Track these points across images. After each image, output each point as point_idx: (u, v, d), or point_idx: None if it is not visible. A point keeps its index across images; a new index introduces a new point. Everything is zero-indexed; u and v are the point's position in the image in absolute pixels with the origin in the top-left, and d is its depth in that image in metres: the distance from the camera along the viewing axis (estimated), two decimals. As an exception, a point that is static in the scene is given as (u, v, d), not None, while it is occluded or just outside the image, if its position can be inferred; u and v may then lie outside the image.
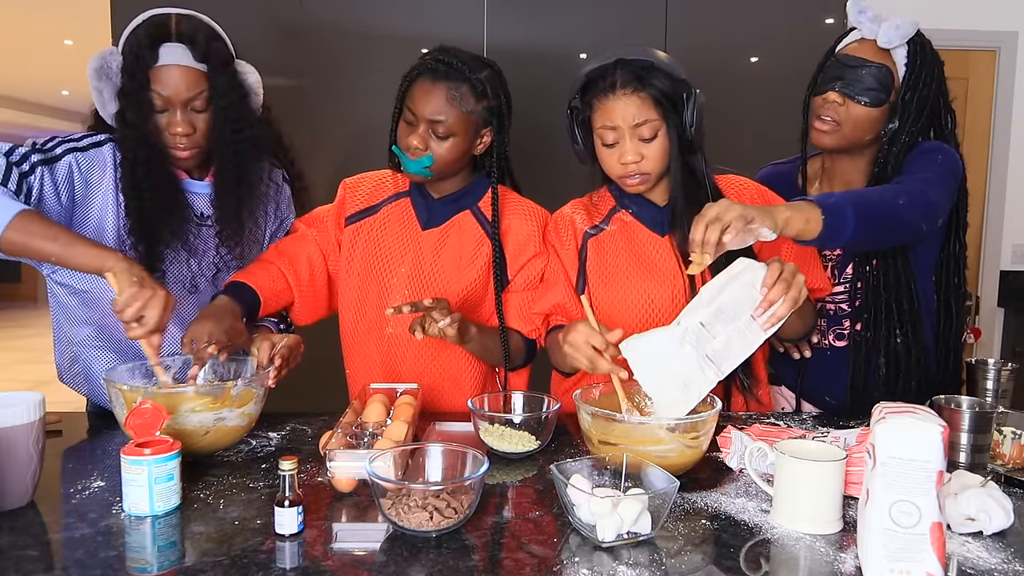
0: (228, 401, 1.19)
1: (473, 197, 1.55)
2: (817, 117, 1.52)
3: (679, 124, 1.38)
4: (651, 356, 1.20)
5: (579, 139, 1.45)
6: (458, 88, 1.40)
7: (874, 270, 1.53)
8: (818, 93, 1.52)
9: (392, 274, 1.53)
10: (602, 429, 1.14)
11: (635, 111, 1.35)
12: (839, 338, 1.59)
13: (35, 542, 0.92)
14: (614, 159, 1.40)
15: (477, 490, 0.96)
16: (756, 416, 1.46)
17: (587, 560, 0.89)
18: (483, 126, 1.47)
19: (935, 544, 0.82)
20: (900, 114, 1.48)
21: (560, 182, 1.66)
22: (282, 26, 2.69)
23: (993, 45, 3.85)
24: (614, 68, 1.37)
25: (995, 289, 3.96)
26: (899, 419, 0.84)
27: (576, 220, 1.53)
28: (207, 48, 1.35)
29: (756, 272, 1.19)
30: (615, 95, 1.36)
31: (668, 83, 1.36)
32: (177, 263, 1.45)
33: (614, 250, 1.48)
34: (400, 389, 1.41)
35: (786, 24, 2.79)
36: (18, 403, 1.01)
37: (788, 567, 0.90)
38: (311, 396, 1.80)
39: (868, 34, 1.49)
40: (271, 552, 0.90)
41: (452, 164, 1.46)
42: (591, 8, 2.76)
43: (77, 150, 1.37)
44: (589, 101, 1.41)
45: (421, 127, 1.41)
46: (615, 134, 1.38)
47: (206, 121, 1.37)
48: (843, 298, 1.58)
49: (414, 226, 1.55)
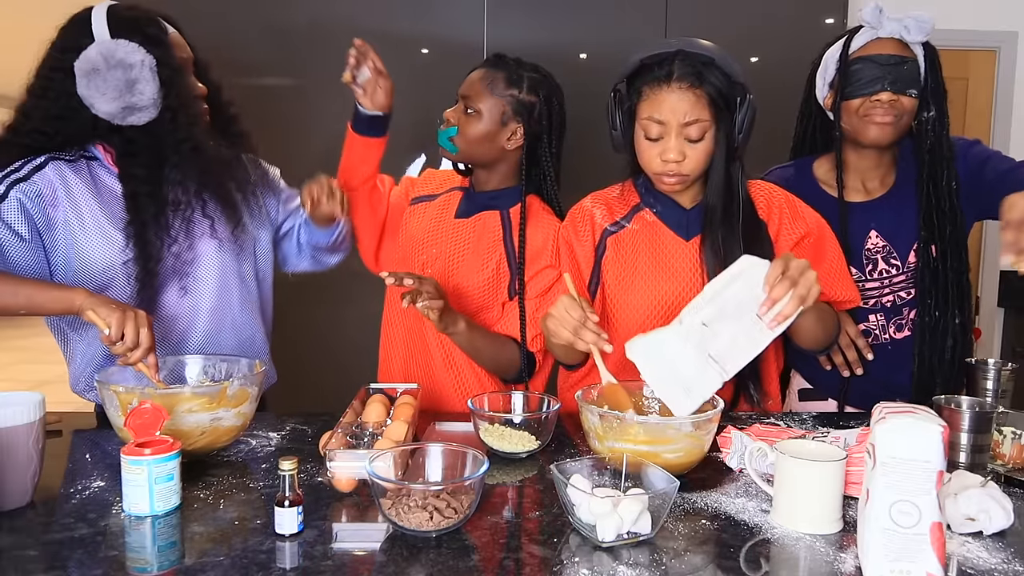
0: (224, 401, 1.19)
1: (507, 200, 1.59)
2: (869, 115, 1.52)
3: (728, 128, 1.33)
4: (654, 354, 1.20)
5: (619, 125, 1.39)
6: (495, 74, 1.53)
7: (937, 253, 1.54)
8: (861, 95, 1.52)
9: (422, 252, 1.61)
10: (608, 428, 1.14)
11: (688, 108, 1.29)
12: (899, 329, 1.60)
13: (35, 542, 0.92)
14: (654, 153, 1.34)
15: (477, 490, 0.96)
16: (756, 416, 1.45)
17: (587, 560, 0.89)
18: (512, 117, 1.53)
19: (935, 544, 0.82)
20: (933, 101, 1.53)
21: (563, 181, 1.65)
22: (280, 26, 2.69)
23: (993, 45, 3.85)
24: (672, 58, 1.30)
25: (995, 289, 3.95)
26: (899, 419, 0.84)
27: (596, 215, 1.49)
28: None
29: (759, 269, 1.17)
30: (669, 87, 1.30)
31: (725, 83, 1.31)
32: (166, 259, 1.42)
33: (634, 250, 1.45)
34: (400, 389, 1.41)
35: (786, 24, 2.79)
36: (18, 403, 1.01)
37: (788, 567, 0.90)
38: (311, 396, 1.80)
39: (892, 32, 1.51)
40: (271, 552, 0.90)
41: (474, 144, 1.53)
42: (591, 8, 2.76)
43: (20, 180, 1.33)
44: (639, 88, 1.34)
45: (458, 104, 1.55)
46: (661, 128, 1.32)
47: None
48: (902, 285, 1.58)
49: (451, 214, 1.62)
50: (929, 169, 1.55)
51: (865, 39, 1.54)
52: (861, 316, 1.61)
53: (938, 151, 1.55)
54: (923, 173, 1.56)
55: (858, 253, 1.59)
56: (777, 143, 1.77)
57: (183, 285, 1.45)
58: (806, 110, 1.70)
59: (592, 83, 1.46)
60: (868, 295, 1.59)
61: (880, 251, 1.59)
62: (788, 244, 1.43)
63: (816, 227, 1.46)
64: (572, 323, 1.22)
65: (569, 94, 1.58)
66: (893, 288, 1.59)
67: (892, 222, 1.58)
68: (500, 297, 1.56)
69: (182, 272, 1.44)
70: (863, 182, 1.62)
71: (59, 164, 1.37)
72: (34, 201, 1.33)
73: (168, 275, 1.43)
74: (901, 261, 1.58)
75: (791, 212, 1.45)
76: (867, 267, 1.59)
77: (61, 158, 1.38)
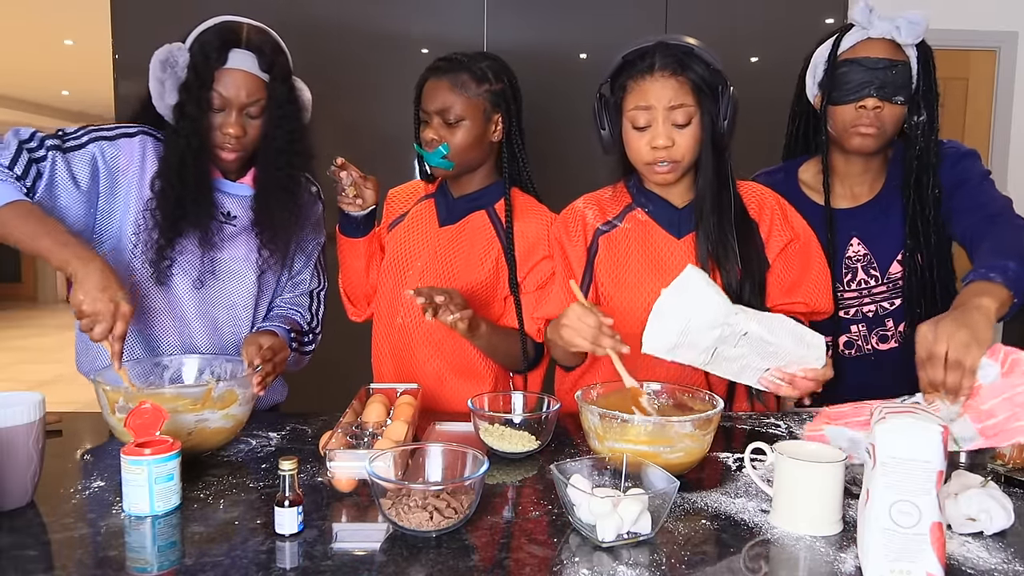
0: (210, 403, 1.18)
1: (490, 198, 1.59)
2: (855, 125, 1.47)
3: (713, 115, 1.35)
4: (691, 299, 1.17)
5: (607, 124, 1.41)
6: (459, 77, 1.49)
7: (923, 261, 1.50)
8: (847, 101, 1.46)
9: (409, 267, 1.60)
10: (608, 429, 1.14)
11: (672, 93, 1.33)
12: (883, 340, 1.56)
13: (35, 542, 0.92)
14: (643, 142, 1.36)
15: (477, 490, 0.96)
16: (756, 416, 1.45)
17: (587, 560, 0.89)
18: (492, 111, 1.52)
19: (935, 544, 0.82)
20: (924, 105, 1.48)
21: (561, 181, 1.66)
22: (281, 26, 2.68)
23: (993, 45, 3.85)
24: (654, 50, 1.34)
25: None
26: (899, 419, 0.84)
27: (588, 215, 1.50)
28: (273, 60, 1.41)
29: (818, 348, 1.22)
30: (652, 76, 1.33)
31: (706, 72, 1.34)
32: (189, 254, 1.45)
33: (627, 249, 1.46)
34: (400, 389, 1.41)
35: (786, 24, 2.79)
36: (18, 403, 1.01)
37: (788, 567, 0.90)
38: (311, 396, 1.80)
39: (883, 32, 1.45)
40: (271, 552, 0.90)
41: (468, 151, 1.52)
42: (591, 8, 2.77)
43: (104, 139, 1.39)
44: (623, 83, 1.38)
45: (434, 120, 1.50)
46: (648, 115, 1.34)
47: (257, 128, 1.42)
48: (883, 296, 1.54)
49: (433, 223, 1.61)
50: (916, 175, 1.50)
51: (855, 39, 1.48)
52: (843, 326, 1.57)
53: (925, 157, 1.49)
54: (908, 179, 1.51)
55: (838, 262, 1.55)
56: (777, 144, 1.77)
57: (199, 280, 1.47)
58: (798, 109, 1.65)
59: (592, 83, 1.45)
60: (847, 304, 1.56)
61: (861, 259, 1.55)
62: (777, 247, 1.44)
63: (803, 233, 1.47)
64: (589, 331, 1.23)
65: (569, 94, 1.59)
66: (873, 298, 1.56)
67: (875, 229, 1.55)
68: (502, 291, 1.57)
69: (202, 270, 1.46)
70: (851, 187, 1.58)
71: (147, 139, 1.43)
72: (108, 162, 1.38)
73: (186, 272, 1.45)
74: (881, 272, 1.54)
75: (781, 214, 1.46)
76: (846, 276, 1.56)
77: (152, 134, 1.44)
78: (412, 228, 1.62)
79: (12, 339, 8.05)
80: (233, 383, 1.22)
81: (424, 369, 1.59)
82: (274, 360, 1.36)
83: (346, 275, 1.67)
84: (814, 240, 1.49)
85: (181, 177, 1.37)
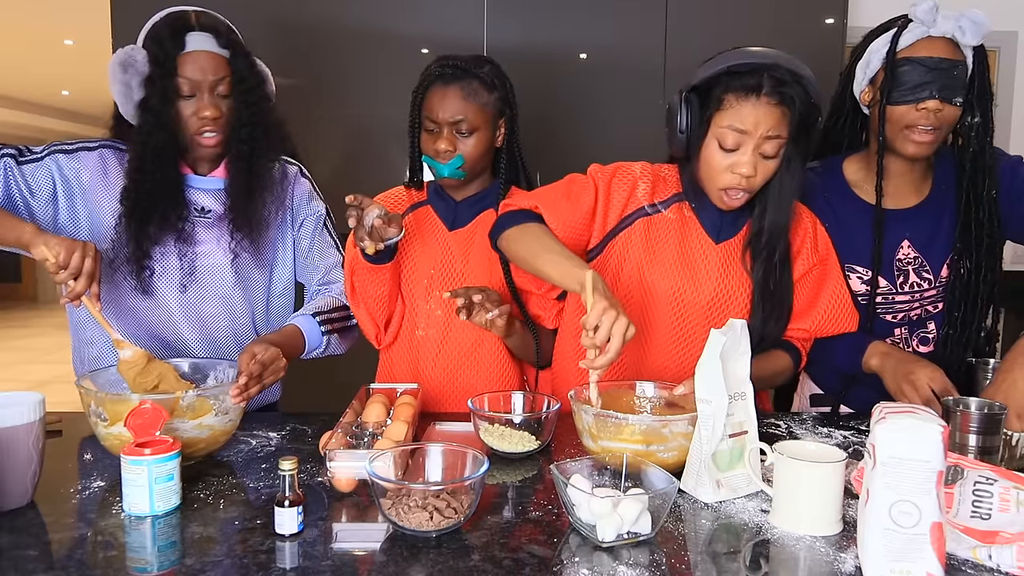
0: (179, 411, 1.14)
1: (494, 197, 1.58)
2: (914, 127, 1.42)
3: (798, 150, 1.32)
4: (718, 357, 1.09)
5: (686, 127, 1.33)
6: (470, 85, 1.46)
7: (972, 265, 1.48)
8: (906, 101, 1.41)
9: (422, 276, 1.56)
10: (603, 428, 1.14)
11: (772, 123, 1.26)
12: (923, 343, 1.54)
13: (35, 542, 0.92)
14: (725, 165, 1.30)
15: (477, 490, 0.96)
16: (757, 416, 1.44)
17: (587, 560, 0.89)
18: (499, 117, 1.52)
19: (935, 544, 0.82)
20: (979, 106, 1.45)
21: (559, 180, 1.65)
22: (281, 26, 2.69)
23: (993, 45, 3.85)
24: (764, 70, 1.26)
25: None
26: (899, 419, 0.84)
27: (639, 188, 1.44)
28: (228, 37, 1.41)
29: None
30: (758, 99, 1.26)
31: (806, 105, 1.28)
32: (169, 257, 1.45)
33: (664, 238, 1.42)
34: (400, 389, 1.41)
35: (786, 24, 2.79)
36: (18, 403, 1.01)
37: (788, 567, 0.90)
38: (311, 396, 1.80)
39: (945, 32, 1.39)
40: (271, 552, 0.90)
41: (480, 160, 1.51)
42: (591, 8, 2.77)
43: (62, 152, 1.41)
44: (720, 96, 1.29)
45: (445, 131, 1.47)
46: (739, 138, 1.27)
47: (230, 107, 1.42)
48: (932, 299, 1.52)
49: (440, 229, 1.58)
50: (971, 178, 1.47)
51: (914, 37, 1.41)
52: (886, 330, 1.54)
53: (981, 159, 1.46)
54: (963, 182, 1.48)
55: (889, 264, 1.51)
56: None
57: (183, 284, 1.46)
58: (839, 103, 1.58)
59: (592, 83, 1.45)
60: (897, 309, 1.53)
61: (912, 262, 1.51)
62: (800, 271, 1.44)
63: (825, 255, 1.47)
64: (603, 332, 1.12)
65: (569, 94, 1.58)
66: (923, 302, 1.52)
67: (927, 232, 1.51)
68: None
69: (183, 271, 1.46)
70: (897, 187, 1.52)
71: (106, 151, 1.46)
72: (67, 174, 1.40)
73: (169, 276, 1.45)
74: (933, 275, 1.51)
75: (812, 237, 1.45)
76: (898, 279, 1.52)
77: (114, 146, 1.47)
78: (416, 238, 1.58)
79: (12, 339, 8.05)
80: (207, 392, 1.18)
81: (445, 385, 1.56)
82: (262, 373, 1.28)
83: (366, 303, 1.52)
84: (833, 259, 1.48)
85: (150, 176, 1.37)
